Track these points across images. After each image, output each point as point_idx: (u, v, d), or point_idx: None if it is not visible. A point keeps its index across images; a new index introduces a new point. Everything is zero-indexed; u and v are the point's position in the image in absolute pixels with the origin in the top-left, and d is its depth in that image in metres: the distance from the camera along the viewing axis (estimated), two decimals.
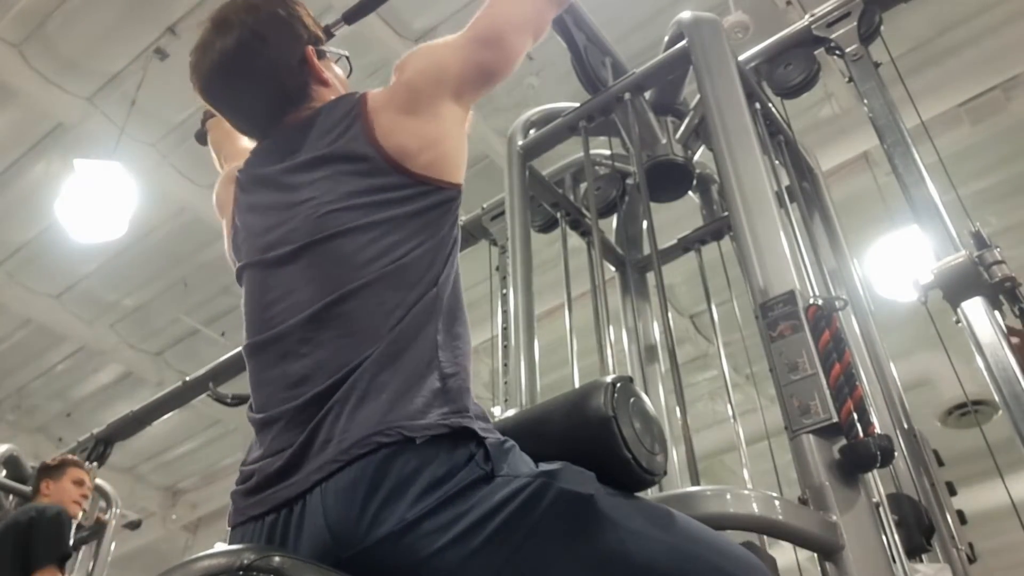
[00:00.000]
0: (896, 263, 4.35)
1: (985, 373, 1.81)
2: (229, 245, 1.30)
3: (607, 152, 2.77)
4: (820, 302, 1.61)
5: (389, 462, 0.89)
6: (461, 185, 1.18)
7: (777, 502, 1.41)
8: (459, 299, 1.12)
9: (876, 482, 1.62)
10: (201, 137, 1.71)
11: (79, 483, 3.52)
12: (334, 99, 1.27)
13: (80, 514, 3.62)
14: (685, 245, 2.81)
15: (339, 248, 1.08)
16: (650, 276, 2.82)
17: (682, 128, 2.60)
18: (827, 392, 1.49)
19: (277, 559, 0.81)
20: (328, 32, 1.39)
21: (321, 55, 1.33)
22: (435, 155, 1.15)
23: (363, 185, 1.12)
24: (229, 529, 1.01)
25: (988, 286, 1.82)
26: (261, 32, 1.24)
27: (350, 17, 1.49)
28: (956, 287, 1.84)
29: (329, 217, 1.10)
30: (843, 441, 1.48)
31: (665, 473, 1.04)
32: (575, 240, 2.78)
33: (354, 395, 0.95)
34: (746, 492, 1.42)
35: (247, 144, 1.38)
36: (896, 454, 1.58)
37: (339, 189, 1.13)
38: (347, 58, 1.40)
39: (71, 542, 3.28)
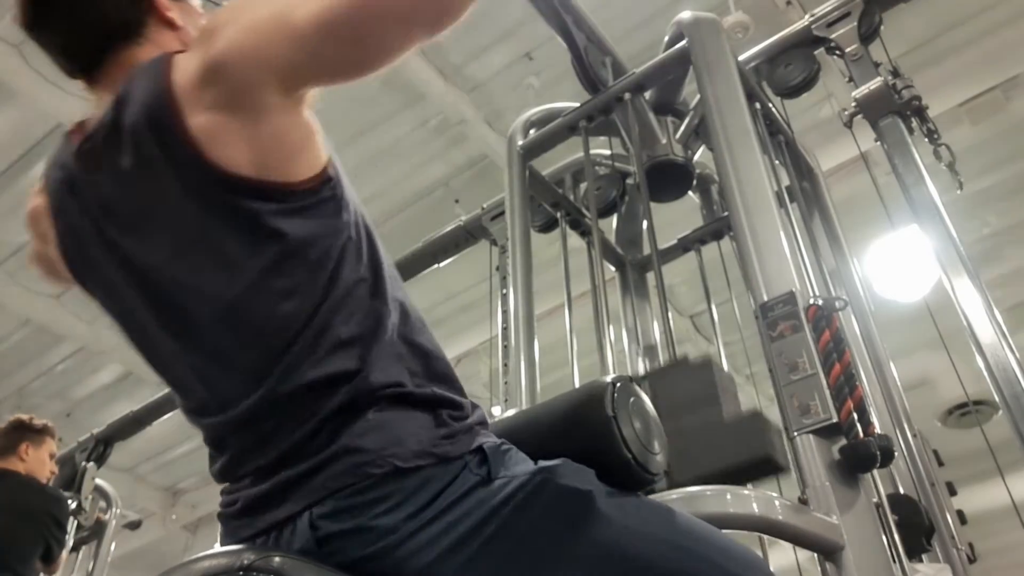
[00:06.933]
0: (896, 263, 4.35)
1: (985, 373, 1.82)
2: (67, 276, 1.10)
3: (607, 152, 2.77)
4: (820, 302, 1.61)
5: (383, 482, 0.86)
6: (327, 162, 0.93)
7: (777, 502, 1.41)
8: (401, 299, 0.98)
9: (876, 482, 1.62)
10: None
11: (52, 456, 3.27)
12: (135, 73, 0.93)
13: None
14: (685, 245, 2.81)
15: (232, 330, 0.91)
16: (650, 276, 2.82)
17: (682, 128, 2.60)
18: (827, 392, 1.49)
19: (277, 559, 0.81)
20: None
21: None
22: (290, 166, 0.90)
23: (219, 232, 0.89)
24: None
25: (899, 105, 2.22)
26: None
27: None
28: (874, 108, 2.23)
29: (200, 297, 0.91)
30: (843, 441, 1.48)
31: (666, 473, 1.04)
32: (575, 240, 2.78)
33: (332, 439, 0.89)
34: (746, 492, 1.42)
35: None
36: (896, 454, 1.58)
37: (190, 248, 0.90)
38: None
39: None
